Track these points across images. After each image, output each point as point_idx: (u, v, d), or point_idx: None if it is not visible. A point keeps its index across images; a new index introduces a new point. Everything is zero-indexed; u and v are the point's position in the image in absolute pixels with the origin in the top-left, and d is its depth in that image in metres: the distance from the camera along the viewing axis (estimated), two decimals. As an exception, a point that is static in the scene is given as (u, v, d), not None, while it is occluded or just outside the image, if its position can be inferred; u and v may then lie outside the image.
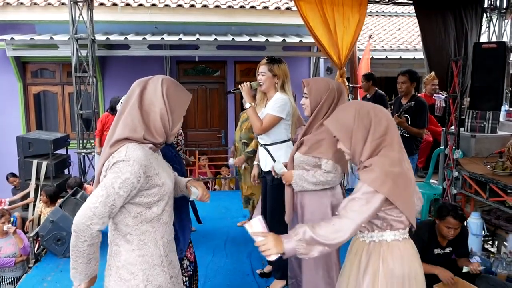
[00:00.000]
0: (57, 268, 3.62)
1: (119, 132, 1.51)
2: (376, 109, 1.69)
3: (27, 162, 5.45)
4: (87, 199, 1.48)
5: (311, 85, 2.39)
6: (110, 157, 1.50)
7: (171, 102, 1.55)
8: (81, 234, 1.44)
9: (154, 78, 1.59)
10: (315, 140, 2.34)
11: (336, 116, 1.75)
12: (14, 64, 7.39)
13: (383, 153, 1.63)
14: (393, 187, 1.57)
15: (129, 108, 1.53)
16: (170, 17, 7.51)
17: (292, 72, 9.14)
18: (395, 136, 1.67)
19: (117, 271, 1.55)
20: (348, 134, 1.67)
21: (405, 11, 11.03)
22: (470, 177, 3.70)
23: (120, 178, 1.44)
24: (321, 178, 2.32)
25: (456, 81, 3.96)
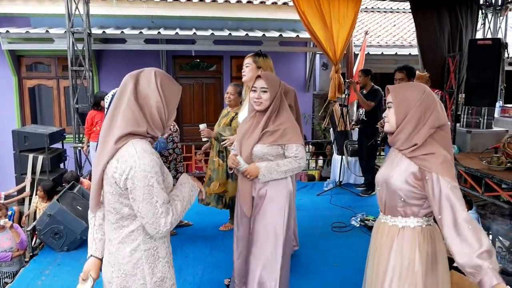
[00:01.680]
0: (54, 262, 3.61)
1: (121, 127, 1.47)
2: (439, 101, 1.75)
3: (22, 156, 5.42)
4: (144, 213, 1.47)
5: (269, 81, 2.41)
6: (117, 154, 1.47)
7: (166, 94, 1.53)
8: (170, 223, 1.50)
9: (145, 71, 1.56)
10: (279, 129, 2.39)
11: (403, 89, 1.78)
12: (9, 58, 7.33)
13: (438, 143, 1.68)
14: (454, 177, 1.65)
15: (127, 102, 1.49)
16: (167, 11, 7.49)
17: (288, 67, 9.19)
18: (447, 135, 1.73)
19: (121, 268, 1.56)
20: (405, 109, 1.70)
21: (401, 7, 11.07)
22: (466, 172, 3.74)
23: (153, 176, 1.45)
24: (295, 165, 2.39)
25: (453, 77, 4.00)
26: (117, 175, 1.44)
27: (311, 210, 4.84)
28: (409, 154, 1.70)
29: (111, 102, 2.71)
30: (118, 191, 1.47)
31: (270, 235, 2.41)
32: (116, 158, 1.45)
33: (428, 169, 1.63)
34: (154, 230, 1.47)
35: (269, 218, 2.42)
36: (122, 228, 1.54)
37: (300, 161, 2.40)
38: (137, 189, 1.43)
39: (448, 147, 1.71)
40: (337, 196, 5.34)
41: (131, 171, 1.42)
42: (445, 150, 1.67)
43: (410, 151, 1.70)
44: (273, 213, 2.42)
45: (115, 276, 1.56)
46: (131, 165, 1.42)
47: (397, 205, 1.75)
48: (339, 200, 5.16)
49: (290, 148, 2.39)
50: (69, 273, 3.40)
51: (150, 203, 1.44)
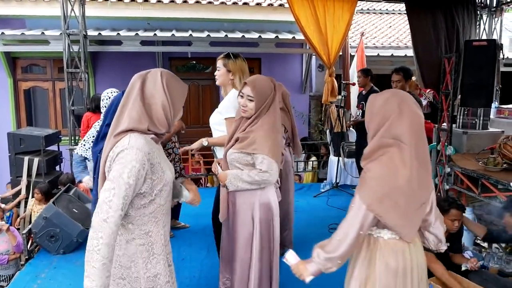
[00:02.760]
0: (50, 265, 3.59)
1: (124, 124, 1.54)
2: (406, 111, 1.59)
3: (18, 158, 5.37)
4: (99, 194, 1.48)
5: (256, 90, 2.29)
6: (114, 146, 1.53)
7: (171, 93, 1.60)
8: (98, 230, 1.42)
9: (152, 72, 1.62)
10: (248, 137, 2.28)
11: (374, 97, 1.72)
12: (4, 60, 7.29)
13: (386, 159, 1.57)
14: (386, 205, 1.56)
15: (132, 101, 1.57)
16: (163, 13, 7.48)
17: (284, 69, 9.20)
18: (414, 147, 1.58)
19: (117, 259, 1.59)
20: (369, 117, 1.68)
21: (396, 9, 11.11)
22: (462, 173, 3.75)
23: (127, 167, 1.47)
24: (256, 178, 2.26)
25: (449, 78, 4.00)
26: (108, 163, 1.53)
27: (308, 212, 4.84)
28: (362, 164, 1.68)
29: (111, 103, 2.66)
30: None
31: (239, 245, 2.40)
32: (113, 149, 1.53)
33: (357, 186, 1.66)
34: (97, 209, 1.45)
35: (238, 228, 2.40)
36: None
37: (263, 175, 2.24)
38: (111, 170, 1.49)
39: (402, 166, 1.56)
40: (334, 198, 5.34)
41: (118, 156, 1.49)
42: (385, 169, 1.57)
43: (362, 159, 1.68)
44: (242, 224, 2.39)
45: (112, 267, 1.56)
46: (117, 152, 1.50)
47: None
48: (336, 202, 5.16)
49: (256, 158, 2.27)
50: (65, 276, 3.39)
51: (108, 187, 1.45)
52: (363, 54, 7.32)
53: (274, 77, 2.55)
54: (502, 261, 3.03)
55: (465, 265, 2.83)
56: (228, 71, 2.79)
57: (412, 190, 1.58)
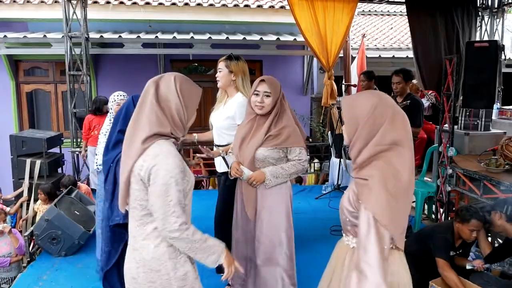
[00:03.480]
0: (52, 267, 3.59)
1: (147, 128, 1.55)
2: (397, 114, 1.56)
3: (20, 161, 5.39)
4: (156, 208, 1.53)
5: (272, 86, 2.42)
6: (143, 155, 1.54)
7: (185, 97, 1.61)
8: (183, 238, 1.54)
9: (166, 76, 1.64)
10: (282, 133, 2.41)
11: (354, 100, 1.64)
12: (7, 62, 7.33)
13: (383, 163, 1.51)
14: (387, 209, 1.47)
15: (150, 105, 1.58)
16: (164, 16, 7.50)
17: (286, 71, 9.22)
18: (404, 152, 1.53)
19: (146, 264, 1.61)
20: (355, 125, 1.56)
21: (398, 10, 11.11)
22: (464, 174, 3.74)
23: (173, 177, 1.52)
24: (299, 167, 2.44)
25: (450, 79, 3.99)
26: (143, 173, 1.53)
27: (309, 213, 4.83)
28: (353, 174, 1.60)
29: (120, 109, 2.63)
30: (144, 188, 1.56)
31: (276, 238, 2.44)
32: (142, 157, 1.55)
33: (359, 195, 1.53)
34: (162, 227, 1.53)
35: (274, 222, 2.44)
36: (146, 224, 1.60)
37: (304, 163, 2.46)
38: (155, 185, 1.52)
39: (401, 167, 1.51)
40: (336, 200, 5.32)
41: (154, 168, 1.51)
42: (387, 173, 1.49)
43: (353, 169, 1.60)
44: (278, 217, 2.45)
45: (140, 272, 1.62)
46: (155, 163, 1.52)
47: (347, 224, 1.67)
48: (337, 204, 5.11)
49: (293, 151, 2.43)
50: (67, 279, 3.39)
51: (164, 201, 1.51)
52: (363, 55, 7.32)
53: (276, 79, 2.57)
54: (505, 263, 3.02)
55: (470, 265, 2.81)
56: (230, 72, 2.82)
57: (409, 194, 1.54)
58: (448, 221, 3.39)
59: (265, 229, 2.46)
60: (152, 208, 1.55)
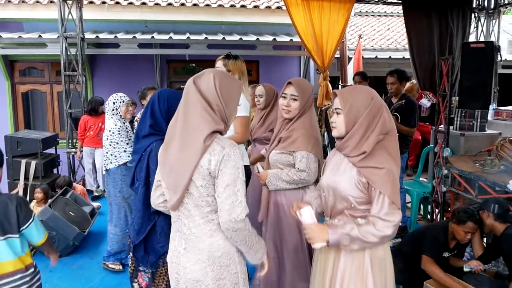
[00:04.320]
0: (46, 268, 3.55)
1: (205, 127, 1.53)
2: (385, 106, 1.75)
3: (15, 161, 5.37)
4: (224, 198, 1.53)
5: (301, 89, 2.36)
6: (206, 152, 1.53)
7: (224, 95, 1.58)
8: (247, 229, 1.56)
9: (205, 74, 1.61)
10: (290, 136, 2.32)
11: (352, 93, 1.74)
12: (2, 63, 7.29)
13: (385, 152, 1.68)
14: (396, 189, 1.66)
15: (199, 104, 1.56)
16: (160, 16, 7.48)
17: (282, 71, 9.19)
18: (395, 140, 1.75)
19: (216, 260, 1.60)
20: (355, 116, 1.67)
21: (395, 11, 11.13)
22: (459, 174, 3.74)
23: (239, 168, 1.54)
24: (294, 177, 2.28)
25: (445, 80, 4.00)
26: (213, 167, 1.52)
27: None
28: (358, 164, 1.68)
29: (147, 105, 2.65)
30: (211, 184, 1.54)
31: (289, 243, 2.38)
32: (208, 152, 1.53)
33: (374, 183, 1.65)
34: (228, 217, 1.51)
35: (280, 229, 2.39)
36: (212, 221, 1.58)
37: (301, 174, 2.27)
38: (224, 175, 1.52)
39: (396, 153, 1.71)
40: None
41: (224, 159, 1.52)
42: (392, 162, 1.67)
43: (359, 160, 1.68)
44: (284, 224, 2.38)
45: (209, 271, 1.59)
46: (224, 154, 1.52)
47: (344, 209, 1.74)
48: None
49: (296, 157, 2.31)
50: (61, 280, 3.38)
51: (232, 190, 1.51)
52: (359, 56, 7.33)
53: (273, 79, 2.58)
54: (499, 263, 3.02)
55: (468, 267, 2.79)
56: (228, 71, 2.79)
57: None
58: (443, 221, 3.40)
59: (270, 232, 2.43)
60: (219, 199, 1.53)
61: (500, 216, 2.78)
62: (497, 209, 2.79)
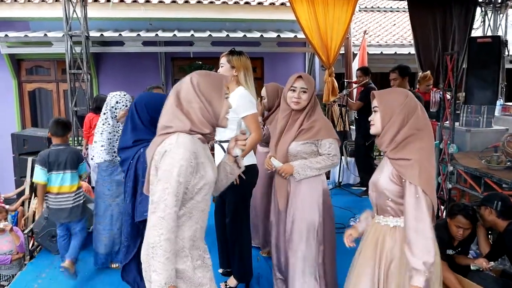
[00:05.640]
0: (51, 265, 3.60)
1: (165, 121, 1.62)
2: (422, 107, 1.87)
3: (22, 159, 5.42)
4: (152, 195, 1.57)
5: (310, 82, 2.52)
6: (160, 145, 1.59)
7: (205, 94, 1.63)
8: (158, 227, 1.51)
9: (184, 79, 1.67)
10: (314, 126, 2.46)
11: (388, 94, 1.92)
12: (9, 62, 7.35)
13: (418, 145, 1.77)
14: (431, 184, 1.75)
15: (170, 108, 1.63)
16: (165, 14, 7.49)
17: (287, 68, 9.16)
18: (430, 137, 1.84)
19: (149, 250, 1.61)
20: (390, 113, 1.81)
21: (401, 7, 11.02)
22: (465, 171, 3.70)
23: (176, 166, 1.53)
24: (328, 162, 2.47)
25: (451, 75, 3.95)
26: (157, 157, 1.59)
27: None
28: (390, 156, 1.82)
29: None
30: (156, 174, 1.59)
31: (304, 231, 2.48)
32: (161, 145, 1.59)
33: (402, 174, 1.76)
34: (153, 209, 1.53)
35: (305, 214, 2.49)
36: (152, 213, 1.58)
37: (333, 158, 2.48)
38: (160, 170, 1.56)
39: (428, 147, 1.80)
40: (337, 197, 5.30)
41: (165, 154, 1.56)
42: (425, 153, 1.76)
43: (391, 152, 1.82)
44: (309, 209, 2.49)
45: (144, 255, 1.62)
46: (166, 149, 1.56)
47: (387, 205, 1.86)
48: (338, 201, 5.12)
49: (323, 145, 2.47)
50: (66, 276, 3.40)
51: (162, 186, 1.53)
52: (364, 52, 7.28)
53: (277, 76, 2.61)
54: (506, 261, 2.99)
55: (475, 266, 2.75)
56: (232, 67, 2.79)
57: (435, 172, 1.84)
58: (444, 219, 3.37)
59: (296, 221, 2.51)
60: (151, 192, 1.59)
61: (503, 213, 2.75)
62: (500, 206, 2.76)
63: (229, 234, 2.94)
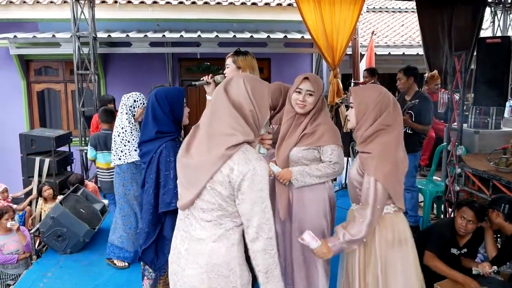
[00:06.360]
0: (57, 264, 3.62)
1: (232, 136, 1.48)
2: (395, 104, 1.97)
3: (29, 159, 5.47)
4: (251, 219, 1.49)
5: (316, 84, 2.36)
6: (231, 159, 1.47)
7: (257, 99, 1.54)
8: (270, 249, 1.50)
9: (234, 80, 1.57)
10: (316, 131, 2.33)
11: (363, 91, 2.02)
12: (18, 62, 7.42)
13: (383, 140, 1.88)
14: (389, 176, 1.86)
15: (228, 113, 1.50)
16: (172, 14, 7.51)
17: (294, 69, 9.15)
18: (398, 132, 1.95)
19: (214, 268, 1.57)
20: (364, 109, 1.92)
21: (409, 7, 10.94)
22: (473, 173, 3.65)
23: (265, 183, 1.50)
24: (328, 170, 2.31)
25: (459, 76, 3.90)
26: (235, 176, 1.46)
27: (316, 213, 4.78)
28: (358, 148, 1.96)
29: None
30: (230, 191, 1.48)
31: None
32: (231, 161, 1.46)
33: (363, 166, 1.91)
34: (256, 235, 1.48)
35: (308, 224, 2.35)
36: (220, 225, 1.53)
37: (335, 166, 2.32)
38: (251, 192, 1.46)
39: (391, 143, 1.90)
40: (343, 199, 5.25)
41: (249, 174, 1.45)
42: (389, 149, 1.87)
43: (359, 144, 1.96)
44: (316, 219, 2.36)
45: (205, 278, 1.52)
46: (250, 168, 1.46)
47: (357, 194, 1.98)
48: (344, 203, 5.04)
49: (325, 151, 2.31)
50: (71, 276, 3.42)
51: (260, 207, 1.48)
52: (372, 53, 7.24)
53: (284, 77, 2.55)
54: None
55: (476, 270, 2.71)
56: (238, 67, 2.76)
57: (405, 165, 1.94)
58: (451, 217, 3.33)
59: (300, 229, 2.37)
60: (245, 217, 1.49)
61: (511, 216, 2.70)
62: (508, 209, 2.71)
63: None
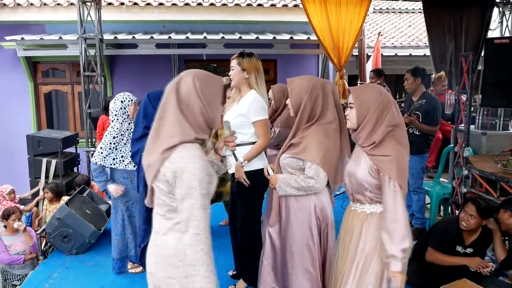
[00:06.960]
0: (63, 265, 3.64)
1: (170, 137, 1.53)
2: (395, 102, 1.96)
3: (36, 160, 5.51)
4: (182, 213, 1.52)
5: (292, 85, 2.29)
6: (166, 161, 1.52)
7: (206, 96, 1.57)
8: (196, 244, 1.50)
9: (184, 78, 1.59)
10: (301, 142, 2.25)
11: (363, 90, 1.98)
12: (25, 64, 7.49)
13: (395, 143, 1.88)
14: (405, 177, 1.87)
15: (172, 114, 1.55)
16: (178, 16, 7.53)
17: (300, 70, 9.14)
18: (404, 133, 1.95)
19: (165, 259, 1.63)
20: (365, 110, 1.89)
21: (416, 8, 10.88)
22: (481, 175, 3.62)
23: (197, 180, 1.50)
24: (302, 184, 2.21)
25: (466, 77, 3.87)
26: (168, 174, 1.52)
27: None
28: (369, 152, 1.92)
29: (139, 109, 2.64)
30: (169, 188, 1.55)
31: (297, 248, 2.33)
32: (169, 160, 1.53)
33: (381, 169, 1.87)
34: (185, 228, 1.51)
35: (290, 232, 2.34)
36: (169, 220, 1.60)
37: (309, 182, 2.18)
38: (180, 188, 1.51)
39: (404, 144, 1.91)
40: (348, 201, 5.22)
41: (179, 171, 1.50)
42: (401, 149, 1.88)
43: (370, 149, 1.91)
44: (294, 227, 2.34)
45: (159, 268, 1.62)
46: (180, 166, 1.50)
47: (365, 195, 1.97)
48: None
49: (306, 164, 2.23)
50: (77, 277, 3.43)
51: (189, 203, 1.50)
52: (378, 54, 7.21)
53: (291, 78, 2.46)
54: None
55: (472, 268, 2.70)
56: (242, 69, 2.75)
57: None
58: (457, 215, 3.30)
59: (285, 236, 2.38)
60: (179, 210, 1.54)
61: None
62: None
63: (239, 237, 2.93)
